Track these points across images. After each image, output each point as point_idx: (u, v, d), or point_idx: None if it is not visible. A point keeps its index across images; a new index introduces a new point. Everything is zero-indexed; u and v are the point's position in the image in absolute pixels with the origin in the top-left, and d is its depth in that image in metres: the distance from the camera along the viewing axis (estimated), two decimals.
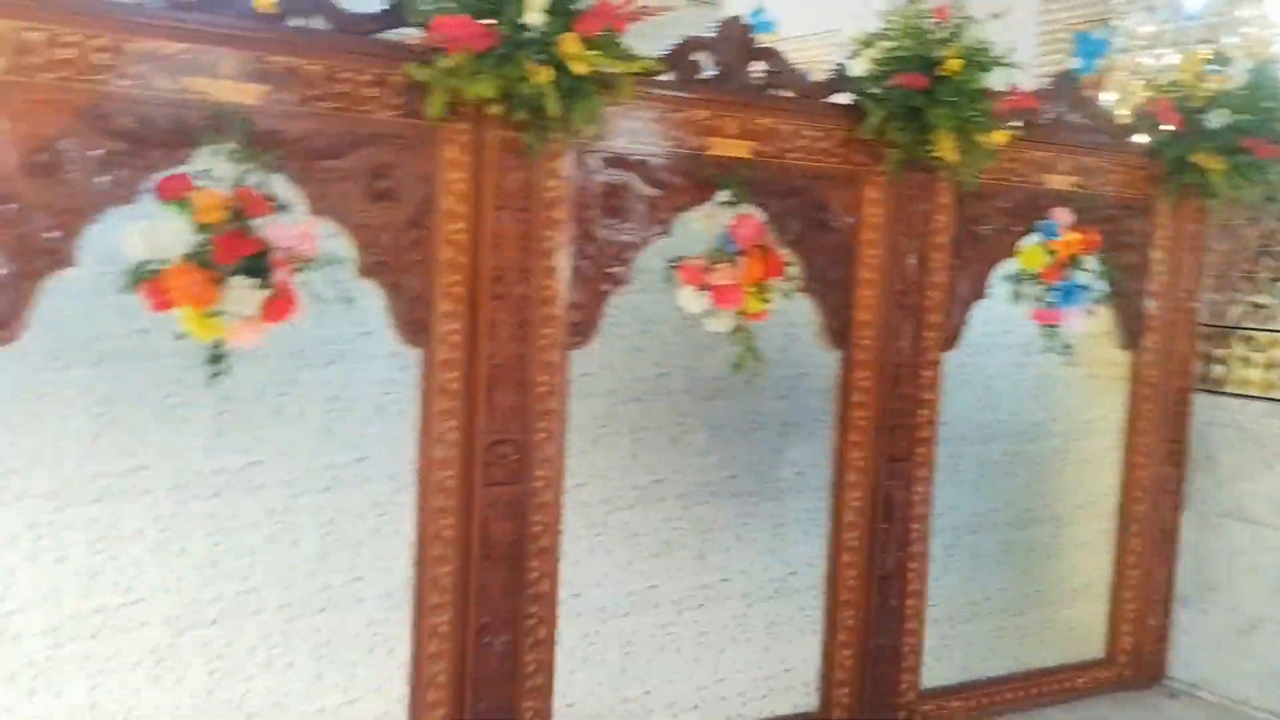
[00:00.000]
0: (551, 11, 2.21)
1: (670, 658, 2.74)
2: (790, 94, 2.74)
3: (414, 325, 2.32)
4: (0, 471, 1.97)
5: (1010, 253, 3.06)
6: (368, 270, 2.26)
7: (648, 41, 2.42)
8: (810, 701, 2.95)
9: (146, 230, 1.99)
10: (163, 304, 2.02)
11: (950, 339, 3.02)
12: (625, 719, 2.69)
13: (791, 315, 2.77)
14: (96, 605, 2.08)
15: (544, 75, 2.20)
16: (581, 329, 2.50)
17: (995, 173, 2.94)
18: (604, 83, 2.30)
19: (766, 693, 2.89)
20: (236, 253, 2.03)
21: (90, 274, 2.00)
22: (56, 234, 1.97)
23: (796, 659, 2.93)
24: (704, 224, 2.60)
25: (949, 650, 3.15)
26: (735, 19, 2.68)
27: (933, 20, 2.75)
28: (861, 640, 2.97)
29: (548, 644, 2.54)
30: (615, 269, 2.53)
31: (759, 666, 2.88)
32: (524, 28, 2.19)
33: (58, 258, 1.98)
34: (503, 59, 2.18)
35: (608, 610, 2.63)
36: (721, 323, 2.62)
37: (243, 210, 2.04)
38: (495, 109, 2.24)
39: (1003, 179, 3.00)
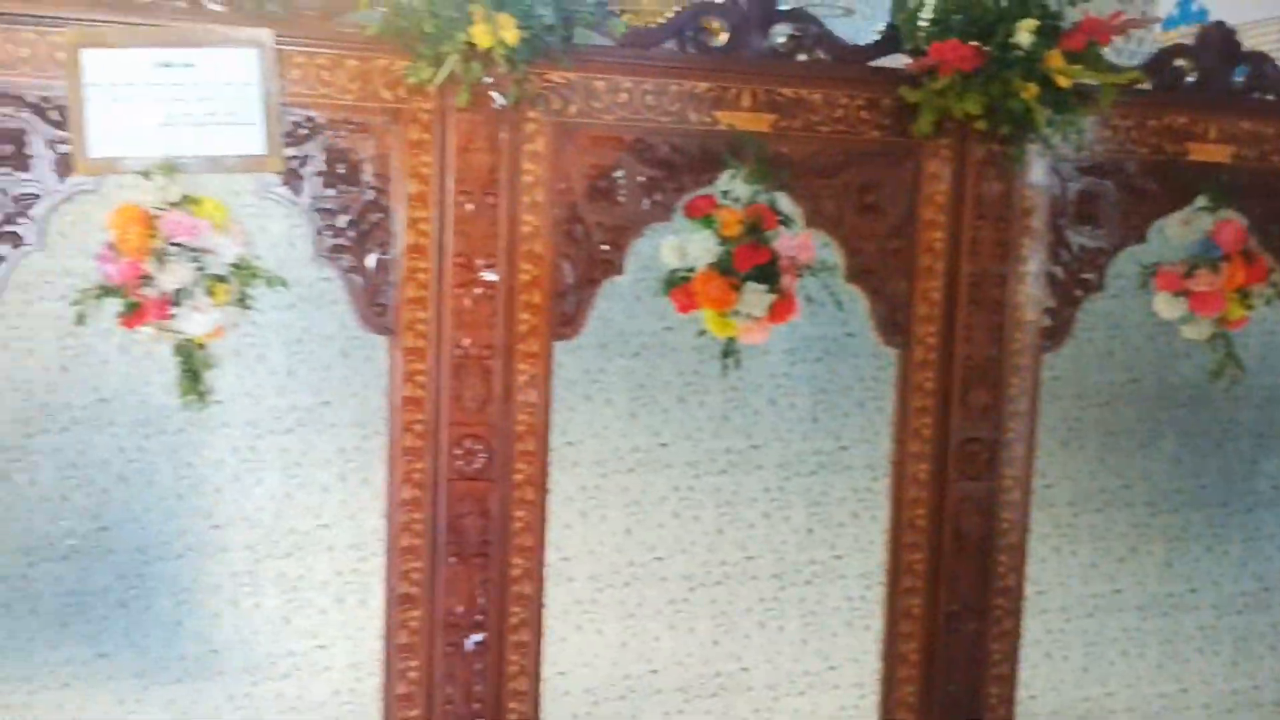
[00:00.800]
0: (1039, 31, 2.34)
1: (1133, 662, 2.75)
2: (1273, 97, 2.67)
3: (894, 327, 2.53)
4: (561, 443, 2.40)
5: None
6: (854, 276, 2.49)
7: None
8: None
9: (678, 243, 2.35)
10: (688, 306, 2.36)
11: None
12: (1085, 717, 2.73)
13: (1273, 323, 2.69)
14: (628, 559, 2.46)
15: (1030, 91, 2.34)
16: (1053, 333, 2.59)
17: None
18: (1086, 95, 2.40)
19: (1232, 707, 2.82)
20: (751, 262, 2.33)
21: (632, 280, 2.39)
22: (609, 247, 2.38)
23: (1267, 676, 2.83)
24: (1181, 230, 2.60)
25: None
26: (1218, 25, 2.65)
27: None
28: None
29: (1012, 636, 2.64)
30: (1088, 275, 2.59)
31: (1225, 680, 2.81)
32: (1012, 47, 2.34)
33: (611, 267, 2.37)
34: (990, 77, 2.35)
35: (1072, 609, 2.69)
36: (1198, 329, 2.61)
37: (757, 224, 2.34)
38: (980, 124, 2.40)
39: None
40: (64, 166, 2.10)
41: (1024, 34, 2.31)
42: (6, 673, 2.20)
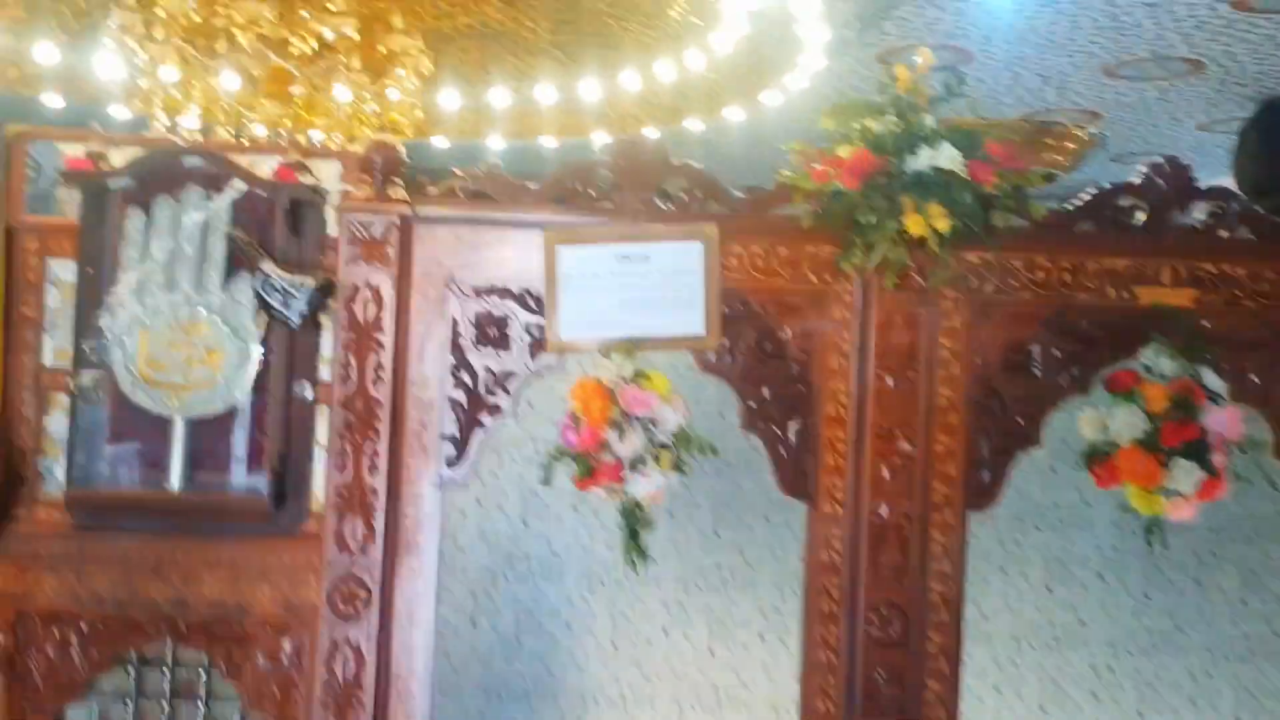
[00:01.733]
0: None
1: None
2: None
3: None
4: (975, 614, 2.41)
5: None
6: None
7: None
8: None
9: (1099, 417, 2.35)
10: (1109, 480, 2.34)
11: None
12: None
13: None
14: None
15: None
16: None
17: None
18: None
19: None
20: (1180, 438, 2.29)
21: (1049, 452, 2.41)
22: (1025, 420, 2.41)
23: None
24: None
25: None
26: None
27: None
28: None
29: None
30: None
31: None
32: None
33: (1026, 439, 2.41)
34: None
35: None
36: None
37: (1185, 400, 2.31)
38: None
39: None
40: (536, 347, 2.40)
41: None
42: None
